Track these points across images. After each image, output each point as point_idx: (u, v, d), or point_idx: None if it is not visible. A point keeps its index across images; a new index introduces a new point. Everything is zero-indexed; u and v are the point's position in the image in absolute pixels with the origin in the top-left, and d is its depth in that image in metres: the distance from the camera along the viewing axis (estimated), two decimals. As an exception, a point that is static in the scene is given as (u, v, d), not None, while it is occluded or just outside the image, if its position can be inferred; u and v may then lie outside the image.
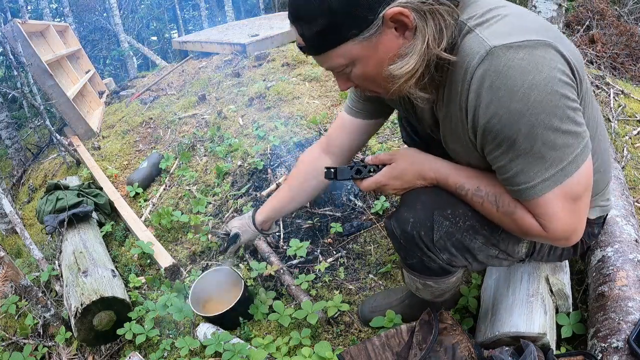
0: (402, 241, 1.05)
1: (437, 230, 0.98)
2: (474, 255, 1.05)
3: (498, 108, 0.76)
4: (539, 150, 0.77)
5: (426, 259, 1.06)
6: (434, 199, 0.99)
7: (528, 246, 1.10)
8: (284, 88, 3.28)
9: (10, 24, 3.55)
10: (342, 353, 1.31)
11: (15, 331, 1.94)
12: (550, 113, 0.74)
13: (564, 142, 0.78)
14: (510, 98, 0.74)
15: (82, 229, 2.23)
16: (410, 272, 1.17)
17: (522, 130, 0.76)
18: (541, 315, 1.18)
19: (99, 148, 3.58)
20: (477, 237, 1.01)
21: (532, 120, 0.75)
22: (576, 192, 0.83)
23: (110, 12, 8.40)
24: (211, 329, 1.56)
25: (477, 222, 0.99)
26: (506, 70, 0.73)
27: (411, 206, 1.01)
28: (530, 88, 0.73)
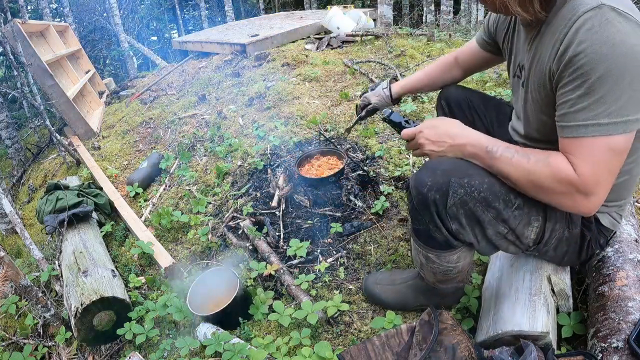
0: (415, 203, 1.10)
1: (451, 197, 1.03)
2: (484, 230, 1.08)
3: (588, 47, 0.85)
4: (606, 95, 0.85)
5: (433, 226, 1.10)
6: (454, 168, 1.05)
7: (537, 232, 1.11)
8: (284, 88, 3.28)
9: (10, 24, 3.55)
10: (342, 353, 1.31)
11: (15, 331, 1.94)
12: (627, 69, 0.83)
13: (626, 102, 0.85)
14: (603, 43, 0.84)
15: (82, 229, 2.24)
16: (416, 241, 1.22)
17: (600, 72, 0.84)
18: (544, 315, 1.18)
19: (99, 148, 3.58)
20: (489, 210, 1.05)
21: (611, 68, 0.83)
22: (617, 150, 0.89)
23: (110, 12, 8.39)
24: (211, 329, 1.56)
25: (492, 195, 1.04)
26: (607, 24, 0.84)
27: (432, 171, 1.06)
28: (621, 43, 0.83)
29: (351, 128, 1.89)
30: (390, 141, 2.44)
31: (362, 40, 4.32)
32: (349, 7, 6.24)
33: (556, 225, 1.12)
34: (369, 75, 3.33)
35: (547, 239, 1.14)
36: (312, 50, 4.37)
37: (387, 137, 2.50)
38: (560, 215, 1.12)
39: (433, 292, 1.41)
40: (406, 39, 4.16)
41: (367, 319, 1.55)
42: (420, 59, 3.58)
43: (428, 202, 1.06)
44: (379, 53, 3.90)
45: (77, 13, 9.31)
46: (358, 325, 1.54)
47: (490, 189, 1.04)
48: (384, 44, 4.07)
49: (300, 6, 12.25)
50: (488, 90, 2.79)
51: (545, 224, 1.11)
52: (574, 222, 1.14)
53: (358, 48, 4.15)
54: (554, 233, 1.14)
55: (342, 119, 2.77)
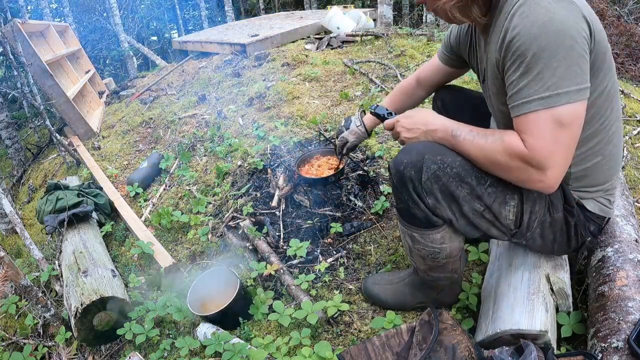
0: (395, 181, 1.18)
1: (425, 172, 1.11)
2: (460, 206, 1.13)
3: (521, 29, 0.94)
4: (542, 71, 0.92)
5: (412, 203, 1.16)
6: (428, 148, 1.13)
7: (515, 212, 1.14)
8: (284, 88, 3.28)
9: (10, 24, 3.55)
10: (342, 353, 1.31)
11: (15, 331, 1.94)
12: (558, 45, 0.90)
13: (563, 74, 0.92)
14: (532, 24, 0.92)
15: (82, 229, 2.24)
16: (400, 222, 1.28)
17: (533, 51, 0.92)
18: (543, 313, 1.18)
19: (99, 148, 3.58)
20: (462, 186, 1.11)
21: (543, 45, 0.91)
22: (563, 120, 0.94)
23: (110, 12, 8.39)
24: (211, 329, 1.56)
25: (464, 171, 1.10)
26: (537, 7, 0.93)
27: (408, 152, 1.15)
28: (550, 22, 0.91)
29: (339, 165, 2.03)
30: (390, 141, 2.44)
31: (362, 40, 4.32)
32: (349, 7, 6.24)
33: (535, 207, 1.14)
34: (369, 75, 3.33)
35: (528, 222, 1.15)
36: (312, 50, 4.37)
37: (387, 137, 2.50)
38: (538, 197, 1.14)
39: (429, 286, 1.43)
40: (406, 39, 4.16)
41: (367, 319, 1.55)
42: (420, 59, 3.57)
43: (405, 178, 1.14)
44: (379, 53, 3.90)
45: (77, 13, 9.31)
46: (358, 325, 1.54)
47: (462, 165, 1.10)
48: (384, 44, 4.07)
49: (300, 6, 12.25)
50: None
51: (523, 205, 1.13)
52: (555, 205, 1.15)
53: (358, 48, 4.15)
54: (534, 215, 1.15)
55: (342, 119, 2.77)
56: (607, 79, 1.04)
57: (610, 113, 1.08)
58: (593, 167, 1.13)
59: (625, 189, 1.63)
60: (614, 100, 1.08)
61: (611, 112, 1.08)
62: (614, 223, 1.38)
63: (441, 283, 1.40)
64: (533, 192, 1.12)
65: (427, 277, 1.38)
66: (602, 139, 1.10)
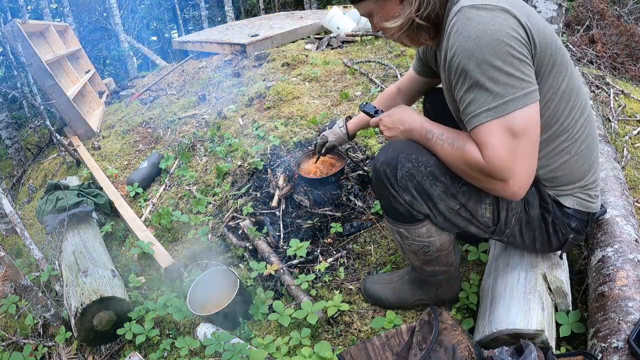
0: (374, 178, 1.22)
1: (400, 169, 1.14)
2: (435, 204, 1.16)
3: (457, 47, 0.96)
4: (484, 83, 0.94)
5: (392, 199, 1.20)
6: (403, 146, 1.17)
7: (492, 210, 1.15)
8: (284, 88, 3.28)
9: (10, 24, 3.55)
10: (342, 353, 1.31)
11: (15, 331, 1.94)
12: (494, 54, 0.92)
13: (506, 82, 0.93)
14: (466, 39, 0.94)
15: (82, 229, 2.24)
16: (386, 219, 1.31)
17: (472, 65, 0.94)
18: (539, 313, 1.18)
19: (99, 148, 3.58)
20: (436, 184, 1.13)
21: (480, 58, 0.93)
22: (515, 128, 0.94)
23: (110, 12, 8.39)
24: (211, 328, 1.56)
25: (438, 170, 1.12)
26: (468, 22, 0.95)
27: (385, 151, 1.19)
28: (483, 33, 0.92)
29: (315, 163, 2.08)
30: (390, 141, 2.44)
31: (362, 40, 4.32)
32: (349, 7, 6.24)
33: (511, 204, 1.15)
34: (369, 75, 3.33)
35: (505, 219, 1.17)
36: (312, 50, 4.37)
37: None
38: None
39: (428, 282, 1.44)
40: (406, 39, 4.15)
41: (367, 319, 1.55)
42: (420, 59, 3.57)
43: (381, 175, 1.18)
44: (379, 53, 3.90)
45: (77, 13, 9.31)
46: (358, 325, 1.54)
47: (437, 164, 1.12)
48: (384, 44, 4.07)
49: (300, 6, 12.24)
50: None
51: (499, 203, 1.15)
52: (530, 203, 1.16)
53: (358, 48, 4.14)
54: (510, 212, 1.16)
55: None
56: (560, 78, 1.04)
57: (570, 112, 1.08)
58: (561, 167, 1.13)
59: (625, 189, 1.63)
60: (574, 98, 1.08)
61: (572, 111, 1.08)
62: (614, 223, 1.38)
63: (439, 278, 1.41)
64: None
65: (424, 272, 1.39)
66: (567, 138, 1.10)
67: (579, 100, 1.10)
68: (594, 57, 3.80)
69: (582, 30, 4.23)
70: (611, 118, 2.51)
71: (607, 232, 1.36)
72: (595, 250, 1.35)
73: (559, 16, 2.59)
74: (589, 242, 1.43)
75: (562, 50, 1.04)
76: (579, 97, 1.10)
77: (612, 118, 2.51)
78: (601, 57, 3.80)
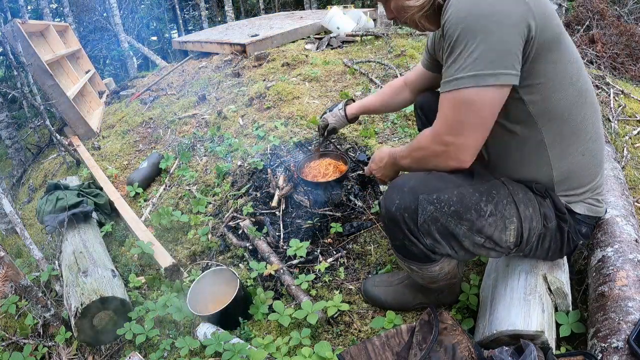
0: (386, 221, 1.13)
1: (421, 214, 1.05)
2: (460, 242, 1.09)
3: (452, 14, 0.95)
4: (461, 53, 0.94)
5: (408, 242, 1.12)
6: (421, 184, 1.08)
7: (515, 234, 1.12)
8: (284, 88, 3.28)
9: (10, 24, 3.55)
10: (342, 353, 1.31)
11: (15, 331, 1.94)
12: (482, 28, 0.91)
13: (480, 57, 0.92)
14: (461, 9, 0.93)
15: (82, 229, 2.23)
16: (397, 256, 1.25)
17: (457, 33, 0.94)
18: (539, 314, 1.18)
19: (99, 148, 3.58)
20: (462, 223, 1.06)
21: (466, 27, 0.92)
22: (468, 101, 0.96)
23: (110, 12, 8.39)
24: (211, 328, 1.56)
25: (462, 207, 1.05)
26: None
27: (399, 189, 1.09)
28: (477, 5, 0.91)
29: (319, 148, 2.12)
30: (391, 141, 2.44)
31: (362, 40, 4.32)
32: (349, 7, 6.24)
33: (532, 223, 1.13)
34: (369, 75, 3.33)
35: (527, 239, 1.14)
36: (312, 50, 4.37)
37: (387, 137, 2.50)
38: (534, 213, 1.13)
39: (429, 289, 1.43)
40: (406, 38, 4.15)
41: (367, 319, 1.55)
42: (420, 59, 3.57)
43: (398, 220, 1.08)
44: (379, 53, 3.90)
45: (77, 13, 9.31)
46: (358, 325, 1.54)
47: (460, 201, 1.05)
48: (384, 44, 4.07)
49: (300, 6, 12.25)
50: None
51: (522, 225, 1.11)
52: (548, 216, 1.15)
53: (358, 48, 4.14)
54: (532, 231, 1.14)
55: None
56: (573, 69, 1.03)
57: (582, 107, 1.07)
58: (574, 167, 1.13)
59: (625, 189, 1.63)
60: (586, 94, 1.08)
61: (583, 106, 1.07)
62: (614, 223, 1.38)
63: (441, 287, 1.40)
64: (529, 209, 1.11)
65: (427, 287, 1.39)
66: (580, 135, 1.09)
67: (590, 98, 1.10)
68: (594, 57, 3.80)
69: (582, 30, 4.23)
70: (611, 118, 2.51)
71: (607, 232, 1.36)
72: (595, 250, 1.35)
73: (559, 16, 2.59)
74: (589, 242, 1.43)
75: (566, 39, 1.02)
76: (590, 94, 1.10)
77: (612, 118, 2.51)
78: (601, 57, 3.80)
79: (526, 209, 1.11)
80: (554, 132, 1.07)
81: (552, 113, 1.05)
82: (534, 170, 1.14)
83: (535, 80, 1.01)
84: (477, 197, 1.06)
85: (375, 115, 2.71)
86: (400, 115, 2.64)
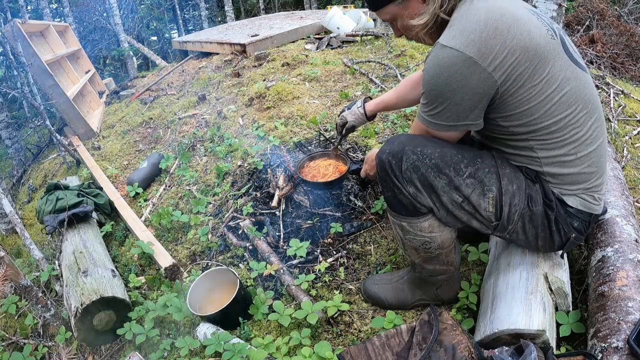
0: (378, 169, 1.26)
1: (405, 161, 1.19)
2: (439, 196, 1.19)
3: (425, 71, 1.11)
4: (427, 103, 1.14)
5: (397, 190, 1.23)
6: (409, 139, 1.22)
7: (494, 204, 1.17)
8: (284, 88, 3.28)
9: (10, 24, 3.55)
10: (342, 353, 1.31)
11: (15, 331, 1.94)
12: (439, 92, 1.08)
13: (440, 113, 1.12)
14: (427, 70, 1.09)
15: (82, 229, 2.23)
16: (389, 212, 1.34)
17: (425, 88, 1.12)
18: (540, 313, 1.18)
19: (99, 148, 3.58)
20: (440, 177, 1.17)
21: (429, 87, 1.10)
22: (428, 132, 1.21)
23: (110, 12, 8.39)
24: (211, 328, 1.56)
25: (442, 162, 1.17)
26: (433, 58, 1.08)
27: (390, 143, 1.24)
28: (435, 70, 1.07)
29: (337, 147, 2.10)
30: (390, 141, 2.44)
31: (362, 40, 4.32)
32: (349, 7, 6.24)
33: (514, 200, 1.17)
34: (369, 75, 3.33)
35: (508, 214, 1.17)
36: (312, 50, 4.37)
37: (387, 137, 2.50)
38: (518, 190, 1.16)
39: (428, 282, 1.44)
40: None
41: (367, 319, 1.55)
42: (420, 59, 3.58)
43: (386, 166, 1.22)
44: (379, 53, 3.89)
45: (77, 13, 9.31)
46: (358, 325, 1.54)
47: (441, 157, 1.17)
48: (384, 44, 4.07)
49: (300, 6, 12.25)
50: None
51: (502, 197, 1.16)
52: (534, 199, 1.17)
53: (358, 48, 4.14)
54: (513, 208, 1.17)
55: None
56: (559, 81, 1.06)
57: (578, 115, 1.09)
58: (567, 169, 1.15)
59: (625, 189, 1.63)
60: (581, 101, 1.09)
61: (576, 113, 1.09)
62: (614, 223, 1.38)
63: (439, 278, 1.41)
64: (512, 185, 1.17)
65: (424, 271, 1.40)
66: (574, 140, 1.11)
67: (584, 102, 1.10)
68: (594, 57, 3.80)
69: (582, 30, 4.23)
70: (611, 118, 2.51)
71: (607, 232, 1.36)
72: (595, 250, 1.35)
73: (559, 16, 2.59)
74: (589, 242, 1.43)
75: (553, 51, 1.05)
76: (585, 99, 1.10)
77: (612, 118, 2.51)
78: (601, 57, 3.80)
79: (509, 183, 1.17)
80: (540, 141, 1.13)
81: (535, 128, 1.11)
82: (525, 165, 1.20)
83: (509, 112, 1.10)
84: (459, 158, 1.17)
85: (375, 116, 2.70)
86: (400, 115, 2.64)
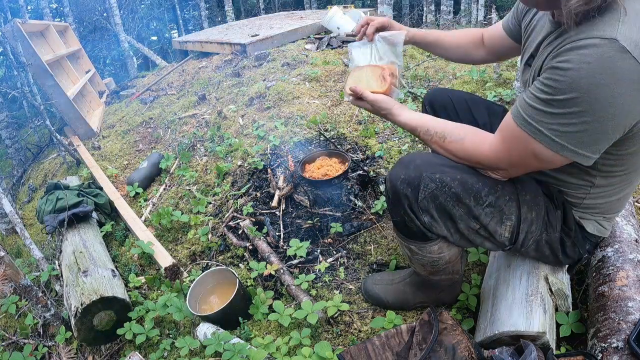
0: (390, 196, 1.16)
1: (422, 190, 1.08)
2: (455, 224, 1.12)
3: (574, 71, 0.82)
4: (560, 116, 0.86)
5: (407, 218, 1.14)
6: (427, 164, 1.10)
7: (511, 230, 1.13)
8: (284, 88, 3.28)
9: (10, 24, 3.55)
10: (342, 353, 1.30)
11: (15, 331, 1.94)
12: (592, 112, 0.83)
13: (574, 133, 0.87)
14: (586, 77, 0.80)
15: (82, 229, 2.23)
16: (397, 233, 1.27)
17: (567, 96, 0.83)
18: (541, 315, 1.18)
19: (99, 148, 3.58)
20: (460, 205, 1.09)
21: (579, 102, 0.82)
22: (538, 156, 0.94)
23: (110, 12, 8.39)
24: (211, 328, 1.56)
25: (463, 191, 1.07)
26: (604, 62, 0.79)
27: (406, 166, 1.12)
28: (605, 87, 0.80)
29: None
30: (390, 141, 2.44)
31: (362, 40, 4.32)
32: (349, 7, 6.24)
33: (532, 227, 1.13)
34: (369, 75, 3.32)
35: (522, 240, 1.15)
36: (312, 50, 4.37)
37: (387, 137, 2.50)
38: (537, 218, 1.13)
39: (430, 286, 1.43)
40: (406, 39, 4.15)
41: (367, 319, 1.55)
42: (420, 59, 3.58)
43: (400, 194, 1.11)
44: (379, 53, 3.89)
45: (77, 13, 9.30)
46: (358, 325, 1.54)
47: (462, 185, 1.07)
48: (384, 44, 4.07)
49: (300, 6, 12.25)
50: (488, 90, 2.79)
51: (520, 225, 1.12)
52: (553, 225, 1.15)
53: (358, 48, 4.14)
54: (530, 235, 1.14)
55: (342, 118, 2.77)
56: None
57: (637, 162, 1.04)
58: (605, 204, 1.13)
59: (625, 189, 1.63)
60: None
61: None
62: (614, 223, 1.38)
63: (442, 283, 1.41)
64: (532, 213, 1.12)
65: (429, 280, 1.39)
66: (630, 183, 1.09)
67: None
68: None
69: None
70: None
71: (607, 232, 1.36)
72: (595, 250, 1.35)
73: (559, 16, 2.58)
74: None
75: None
76: None
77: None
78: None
79: (529, 212, 1.11)
80: (607, 180, 1.07)
81: (615, 169, 1.04)
82: (567, 192, 1.15)
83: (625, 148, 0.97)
84: (480, 187, 1.08)
85: (375, 115, 2.68)
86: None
